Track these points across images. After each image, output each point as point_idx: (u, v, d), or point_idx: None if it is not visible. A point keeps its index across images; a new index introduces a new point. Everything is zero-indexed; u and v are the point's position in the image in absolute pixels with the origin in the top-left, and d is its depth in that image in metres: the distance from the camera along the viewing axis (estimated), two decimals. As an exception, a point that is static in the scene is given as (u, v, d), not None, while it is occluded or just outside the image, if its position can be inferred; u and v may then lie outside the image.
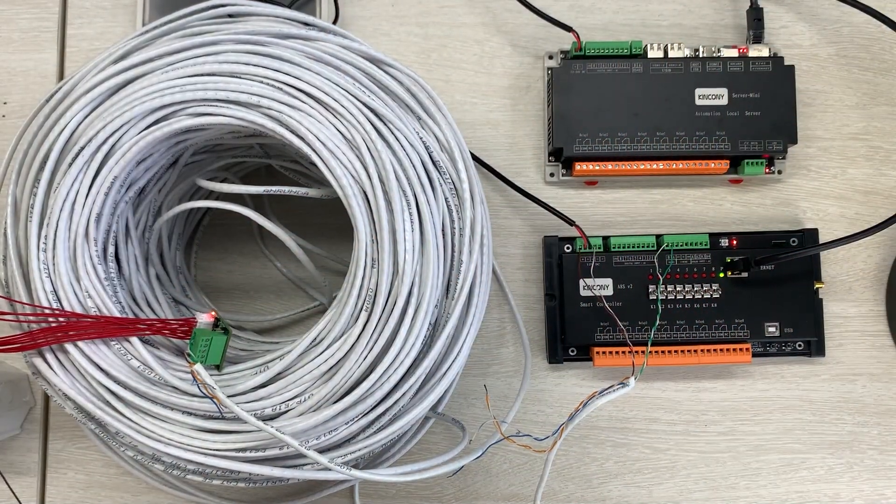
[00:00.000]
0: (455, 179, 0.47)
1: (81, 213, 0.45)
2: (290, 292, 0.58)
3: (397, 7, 0.59)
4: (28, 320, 0.45)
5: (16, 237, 0.47)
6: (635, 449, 0.55)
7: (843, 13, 0.58)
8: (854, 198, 0.57)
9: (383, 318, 0.44)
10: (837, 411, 0.55)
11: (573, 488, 0.55)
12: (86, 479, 0.55)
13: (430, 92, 0.48)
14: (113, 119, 0.44)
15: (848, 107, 0.57)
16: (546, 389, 0.56)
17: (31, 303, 0.45)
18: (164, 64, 0.45)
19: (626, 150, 0.54)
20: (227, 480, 0.46)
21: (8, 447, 0.55)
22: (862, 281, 0.56)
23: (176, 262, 0.55)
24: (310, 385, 0.44)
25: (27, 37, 0.59)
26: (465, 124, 0.57)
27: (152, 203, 0.52)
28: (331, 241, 0.57)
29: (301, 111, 0.44)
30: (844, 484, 0.55)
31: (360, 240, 0.44)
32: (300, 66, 0.46)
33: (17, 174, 0.47)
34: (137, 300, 0.51)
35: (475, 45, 0.58)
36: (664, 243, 0.54)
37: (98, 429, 0.47)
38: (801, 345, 0.55)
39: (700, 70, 0.55)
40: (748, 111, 0.54)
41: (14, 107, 0.58)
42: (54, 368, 0.45)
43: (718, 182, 0.57)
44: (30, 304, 0.45)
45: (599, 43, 0.55)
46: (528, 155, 0.57)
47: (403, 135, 0.46)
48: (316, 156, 0.44)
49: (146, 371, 0.45)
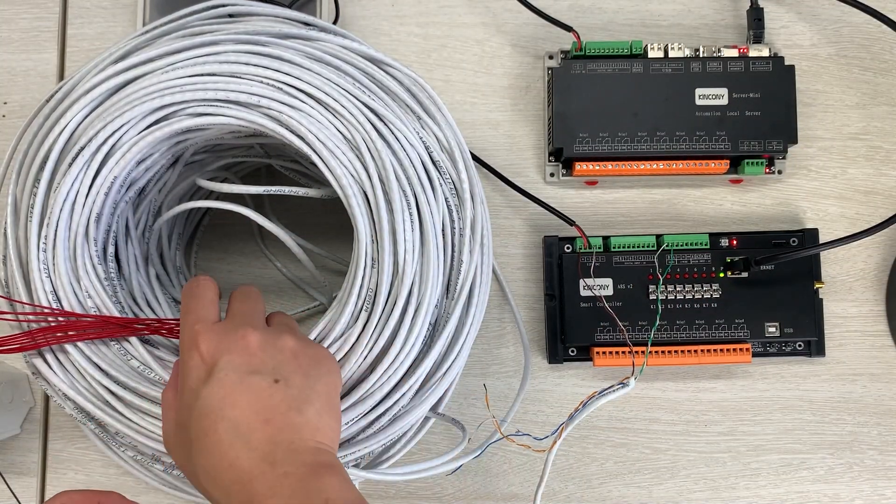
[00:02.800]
0: (455, 179, 0.47)
1: (81, 213, 0.45)
2: (290, 292, 0.58)
3: (397, 7, 0.59)
4: (28, 320, 0.45)
5: (16, 237, 0.47)
6: (635, 449, 0.55)
7: (843, 13, 0.58)
8: (854, 198, 0.57)
9: (383, 318, 0.44)
10: (837, 411, 0.55)
11: (573, 488, 0.55)
12: (85, 480, 0.55)
13: (430, 92, 0.48)
14: (113, 119, 0.44)
15: (848, 107, 0.57)
16: (546, 389, 0.55)
17: (30, 302, 0.45)
18: (164, 64, 0.45)
19: (627, 150, 0.54)
20: (227, 480, 0.46)
21: (8, 447, 0.55)
22: (862, 281, 0.56)
23: (176, 262, 0.55)
24: (310, 385, 0.44)
25: (27, 37, 0.59)
26: (465, 124, 0.57)
27: (152, 203, 0.52)
28: (331, 241, 0.57)
29: (301, 111, 0.44)
30: (844, 484, 0.54)
31: (360, 240, 0.44)
32: (300, 66, 0.45)
33: (17, 174, 0.47)
34: (137, 300, 0.51)
35: (475, 45, 0.58)
36: (664, 243, 0.54)
37: (98, 429, 0.47)
38: (802, 345, 0.55)
39: (700, 70, 0.55)
40: (748, 111, 0.54)
41: (14, 107, 0.58)
42: (54, 368, 0.45)
43: (718, 182, 0.57)
44: (29, 304, 0.45)
45: (600, 43, 0.55)
46: (528, 155, 0.57)
47: (403, 135, 0.46)
48: (316, 156, 0.44)
49: (146, 371, 0.45)
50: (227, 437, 0.35)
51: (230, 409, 0.36)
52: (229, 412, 0.36)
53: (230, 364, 0.37)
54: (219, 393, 0.36)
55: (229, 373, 0.37)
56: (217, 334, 0.38)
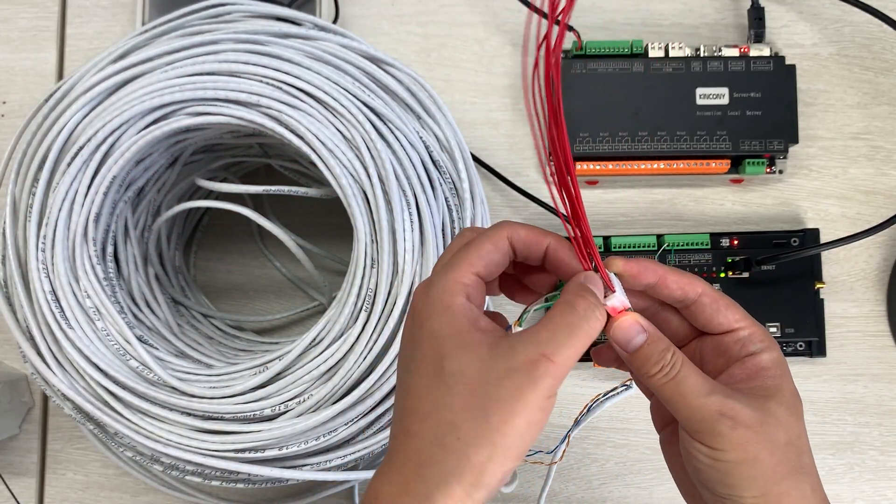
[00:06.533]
0: (455, 179, 0.47)
1: (80, 213, 0.45)
2: (289, 292, 0.57)
3: (397, 6, 0.59)
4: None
5: (14, 237, 0.47)
6: (636, 450, 0.55)
7: (844, 12, 0.58)
8: (855, 197, 0.57)
9: (383, 318, 0.44)
10: (839, 412, 0.55)
11: (573, 489, 0.55)
12: (84, 480, 0.55)
13: (430, 91, 0.48)
14: (112, 118, 0.44)
15: (849, 106, 0.57)
16: (546, 390, 0.55)
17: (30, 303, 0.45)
18: (163, 63, 0.45)
19: (627, 149, 0.54)
20: (225, 481, 0.46)
21: (6, 448, 0.55)
22: (863, 281, 0.56)
23: (175, 262, 0.55)
24: (309, 385, 0.44)
25: (26, 36, 0.59)
26: (465, 124, 0.57)
27: (151, 203, 0.52)
28: (331, 241, 0.56)
29: (301, 110, 0.44)
30: (845, 485, 0.54)
31: (360, 240, 0.44)
32: (300, 65, 0.45)
33: (15, 174, 0.47)
34: (136, 300, 0.51)
35: (475, 44, 0.58)
36: (665, 243, 0.54)
37: (97, 429, 0.47)
38: (803, 345, 0.54)
39: (701, 69, 0.55)
40: (749, 111, 0.54)
41: (13, 106, 0.58)
42: (53, 368, 0.45)
43: (719, 182, 0.57)
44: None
45: (600, 42, 0.55)
46: (528, 154, 0.57)
47: (403, 134, 0.46)
48: (315, 155, 0.44)
49: (145, 371, 0.45)
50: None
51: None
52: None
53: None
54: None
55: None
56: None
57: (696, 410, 0.32)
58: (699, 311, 0.35)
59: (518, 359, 0.31)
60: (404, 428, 0.32)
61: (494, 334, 0.32)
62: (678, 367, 0.33)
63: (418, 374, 0.32)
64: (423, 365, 0.32)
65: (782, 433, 0.33)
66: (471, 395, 0.31)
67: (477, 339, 0.31)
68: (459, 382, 0.31)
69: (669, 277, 0.35)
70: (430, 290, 0.33)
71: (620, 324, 0.34)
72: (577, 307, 0.32)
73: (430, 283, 0.33)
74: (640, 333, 0.33)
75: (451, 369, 0.31)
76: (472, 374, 0.31)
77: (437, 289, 0.33)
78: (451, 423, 0.31)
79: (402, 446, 0.32)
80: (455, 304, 0.32)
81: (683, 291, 0.35)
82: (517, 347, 0.31)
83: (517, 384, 0.30)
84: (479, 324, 0.32)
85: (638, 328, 0.33)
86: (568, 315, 0.32)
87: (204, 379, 0.46)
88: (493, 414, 0.30)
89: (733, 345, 0.35)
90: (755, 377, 0.34)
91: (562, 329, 0.32)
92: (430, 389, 0.31)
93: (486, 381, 0.31)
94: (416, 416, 0.31)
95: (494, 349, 0.31)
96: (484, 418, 0.30)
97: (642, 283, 0.35)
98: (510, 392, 0.30)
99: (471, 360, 0.31)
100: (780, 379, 0.34)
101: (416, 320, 0.33)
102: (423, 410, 0.31)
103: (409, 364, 0.33)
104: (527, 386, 0.30)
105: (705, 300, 0.35)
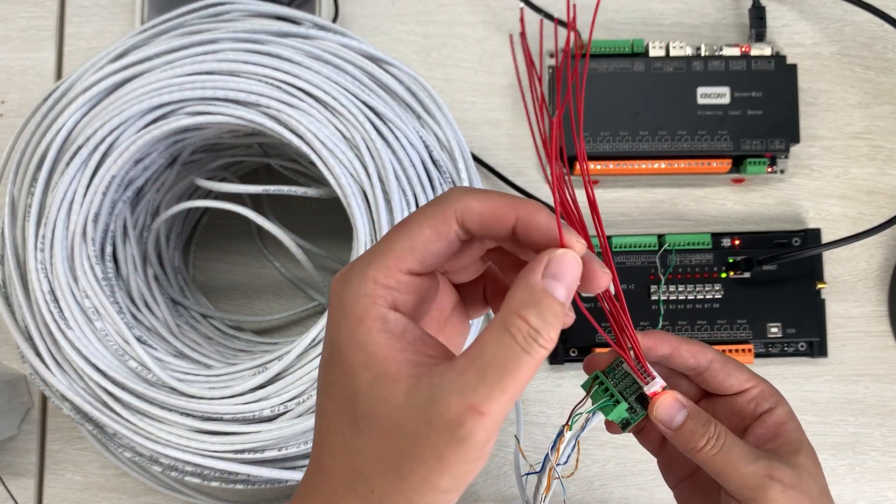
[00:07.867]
0: (455, 179, 0.47)
1: (79, 213, 0.45)
2: (288, 292, 0.57)
3: (397, 6, 0.58)
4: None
5: (13, 237, 0.46)
6: (637, 450, 0.55)
7: (845, 12, 0.58)
8: (857, 197, 0.57)
9: (383, 319, 0.43)
10: (840, 412, 0.55)
11: (574, 490, 0.54)
12: (83, 481, 0.55)
13: (430, 91, 0.48)
14: (111, 118, 0.44)
15: (850, 106, 0.57)
16: (547, 391, 0.55)
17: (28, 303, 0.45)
18: (162, 62, 0.45)
19: (628, 149, 0.54)
20: (225, 482, 0.45)
21: (5, 448, 0.55)
22: (864, 281, 0.56)
23: (174, 262, 0.55)
24: (309, 386, 0.44)
25: (25, 35, 0.58)
26: (465, 123, 0.57)
27: (150, 202, 0.52)
28: (330, 241, 0.56)
29: (300, 110, 0.44)
30: (847, 486, 0.54)
31: (360, 240, 0.44)
32: (299, 64, 0.45)
33: (14, 173, 0.47)
34: (135, 300, 0.51)
35: (475, 43, 0.58)
36: (666, 243, 0.54)
37: (95, 430, 0.47)
38: (804, 345, 0.54)
39: (702, 69, 0.54)
40: (750, 110, 0.54)
41: (12, 105, 0.58)
42: (52, 369, 0.45)
43: (720, 181, 0.57)
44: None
45: (601, 41, 0.55)
46: (528, 154, 0.57)
47: (403, 134, 0.45)
48: (315, 155, 0.44)
49: (144, 372, 0.45)
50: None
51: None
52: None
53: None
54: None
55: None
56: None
57: (748, 478, 0.33)
58: (711, 377, 0.36)
59: (439, 412, 0.25)
60: (318, 457, 0.28)
61: (418, 365, 0.26)
62: (723, 437, 0.34)
63: (330, 399, 0.28)
64: (334, 392, 0.27)
65: (815, 485, 0.34)
66: (384, 445, 0.26)
67: (394, 373, 0.26)
68: (372, 427, 0.26)
69: (682, 347, 0.36)
70: (343, 291, 0.27)
71: (661, 402, 0.34)
72: (517, 335, 0.26)
73: (346, 280, 0.27)
74: (682, 410, 0.34)
75: (362, 409, 0.26)
76: (385, 421, 0.26)
77: (350, 293, 0.27)
78: (362, 472, 0.26)
79: (315, 478, 0.28)
80: (370, 317, 0.26)
81: (696, 359, 0.36)
82: (438, 395, 0.25)
83: (436, 443, 0.25)
84: (402, 346, 0.27)
85: (678, 405, 0.34)
86: (502, 348, 0.26)
87: (203, 379, 0.46)
88: (408, 473, 0.26)
89: (746, 404, 0.36)
90: (778, 434, 0.35)
91: (494, 369, 0.25)
92: (342, 422, 0.27)
93: (400, 435, 0.26)
94: (328, 449, 0.28)
95: (413, 392, 0.26)
96: (398, 477, 0.26)
97: (657, 354, 0.36)
98: (430, 452, 0.25)
99: (385, 401, 0.26)
100: (798, 431, 0.36)
101: (328, 329, 0.28)
102: (335, 444, 0.27)
103: (323, 383, 0.28)
104: (450, 447, 0.25)
105: (716, 366, 0.36)
